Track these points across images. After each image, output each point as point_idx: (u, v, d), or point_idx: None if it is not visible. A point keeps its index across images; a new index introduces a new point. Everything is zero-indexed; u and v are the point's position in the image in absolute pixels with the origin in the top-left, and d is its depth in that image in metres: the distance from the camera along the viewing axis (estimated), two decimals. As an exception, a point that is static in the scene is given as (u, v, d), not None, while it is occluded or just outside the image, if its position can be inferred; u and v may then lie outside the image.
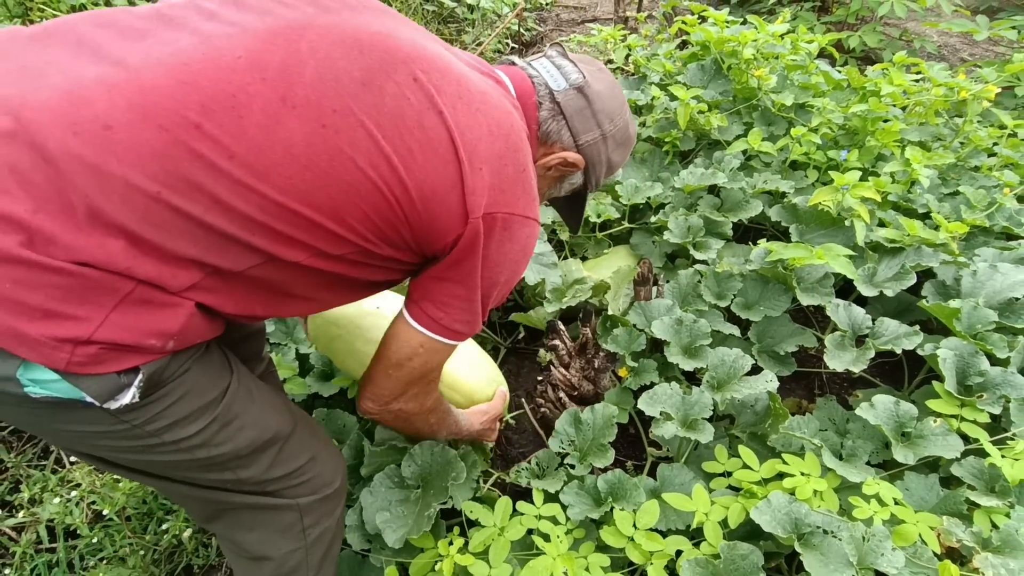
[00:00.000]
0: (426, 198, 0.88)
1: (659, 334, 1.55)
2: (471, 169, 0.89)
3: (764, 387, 1.43)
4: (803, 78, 2.21)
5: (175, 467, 0.96)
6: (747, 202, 1.95)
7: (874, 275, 1.74)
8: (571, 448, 1.46)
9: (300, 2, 0.90)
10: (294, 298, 0.96)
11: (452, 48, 1.02)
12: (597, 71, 1.12)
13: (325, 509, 1.14)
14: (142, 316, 0.78)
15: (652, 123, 2.26)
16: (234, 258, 0.82)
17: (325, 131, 0.81)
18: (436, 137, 0.87)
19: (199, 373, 0.90)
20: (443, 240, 0.93)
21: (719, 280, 1.73)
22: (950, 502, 1.29)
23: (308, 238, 0.85)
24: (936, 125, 2.21)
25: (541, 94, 1.08)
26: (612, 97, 1.11)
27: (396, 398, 1.10)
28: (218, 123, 0.77)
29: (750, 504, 1.22)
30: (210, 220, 0.78)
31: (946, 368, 1.40)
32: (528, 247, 1.03)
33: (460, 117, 0.89)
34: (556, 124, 1.08)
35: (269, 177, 0.79)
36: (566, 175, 1.16)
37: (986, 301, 1.60)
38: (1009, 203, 1.86)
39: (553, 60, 1.11)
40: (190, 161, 0.76)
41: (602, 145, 1.12)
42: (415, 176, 0.86)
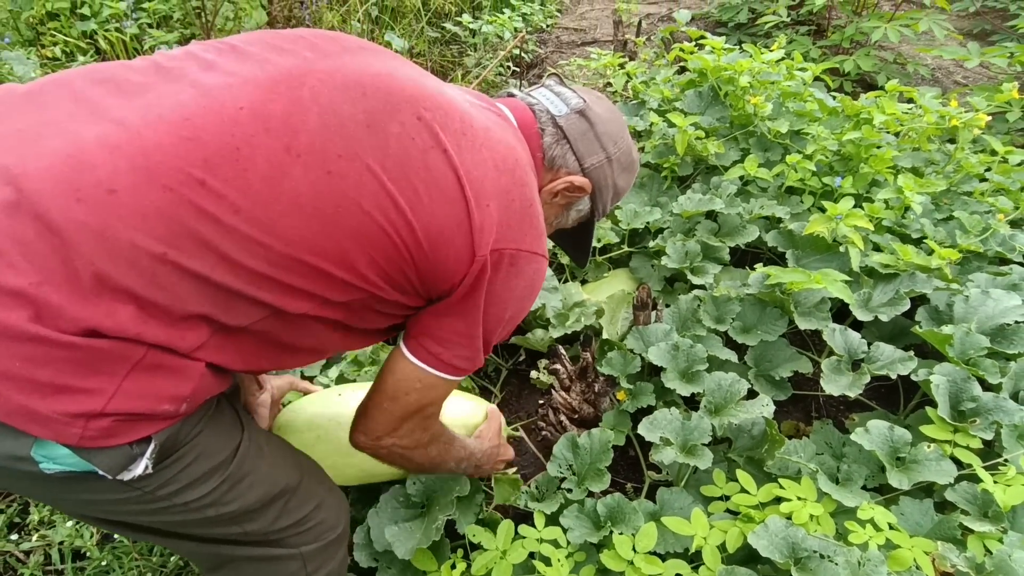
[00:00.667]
0: (433, 239, 0.87)
1: (656, 360, 1.58)
2: (478, 206, 0.88)
3: (760, 412, 1.46)
4: (798, 105, 2.26)
5: (184, 526, 0.96)
6: (744, 227, 1.99)
7: (869, 300, 1.77)
8: (569, 472, 1.48)
9: (299, 47, 0.90)
10: (301, 350, 0.96)
11: (451, 85, 1.03)
12: (596, 97, 1.13)
13: (328, 553, 1.13)
14: (154, 382, 0.77)
15: (651, 149, 2.31)
16: (240, 313, 0.81)
17: (331, 178, 0.81)
18: (442, 176, 0.87)
19: (211, 434, 0.90)
20: (451, 281, 0.92)
21: (718, 304, 1.77)
22: (944, 527, 1.31)
23: (314, 287, 0.84)
24: (928, 151, 2.25)
25: (543, 120, 1.08)
26: (613, 120, 1.12)
27: (389, 433, 1.05)
28: (222, 178, 0.75)
29: (748, 528, 1.24)
30: (217, 278, 0.77)
31: (939, 394, 1.43)
32: (535, 283, 1.01)
33: (465, 155, 0.89)
34: (560, 148, 1.08)
35: (275, 229, 0.78)
36: (573, 202, 1.15)
37: (978, 327, 1.63)
38: (1003, 229, 1.90)
39: (552, 88, 1.13)
40: (196, 219, 0.74)
41: (608, 168, 1.12)
42: (422, 217, 0.85)
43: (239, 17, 2.22)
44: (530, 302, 1.03)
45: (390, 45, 2.85)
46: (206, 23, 2.21)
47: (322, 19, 3.00)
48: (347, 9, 3.25)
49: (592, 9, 6.00)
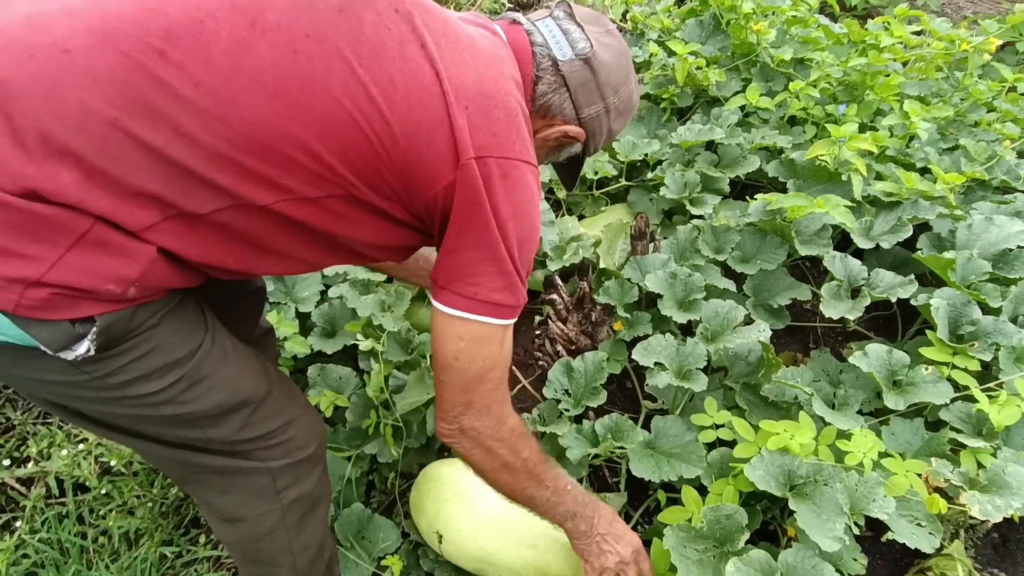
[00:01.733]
0: (410, 134, 0.81)
1: (653, 287, 1.56)
2: (457, 105, 0.82)
3: (756, 337, 1.45)
4: (803, 32, 2.18)
5: (140, 421, 0.93)
6: (744, 158, 1.94)
7: (871, 228, 1.74)
8: (564, 395, 1.48)
9: None
10: (270, 253, 0.89)
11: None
12: (605, 35, 1.04)
13: (300, 472, 1.10)
14: (99, 258, 0.74)
15: (650, 80, 2.24)
16: (198, 199, 0.77)
17: (297, 57, 0.76)
18: (419, 69, 0.81)
19: (169, 328, 0.86)
20: (433, 187, 0.85)
21: (717, 234, 1.74)
22: (934, 444, 1.32)
23: (279, 176, 0.79)
24: (936, 80, 2.18)
25: (543, 65, 0.99)
26: (619, 67, 1.03)
27: (461, 411, 0.97)
28: (184, 49, 0.73)
29: (742, 485, 1.23)
30: (172, 153, 0.74)
31: (939, 317, 1.41)
32: (536, 195, 0.95)
33: (445, 53, 0.84)
34: (558, 97, 1.01)
35: (236, 106, 0.74)
36: (565, 145, 1.10)
37: (980, 253, 1.61)
38: (1008, 156, 1.86)
39: (560, 23, 1.01)
40: (152, 88, 0.71)
41: (604, 117, 1.06)
42: (397, 108, 0.80)
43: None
44: (537, 218, 0.97)
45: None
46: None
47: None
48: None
49: (591, -54, 5.77)
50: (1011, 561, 1.41)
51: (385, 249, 0.98)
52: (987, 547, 1.43)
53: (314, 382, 1.71)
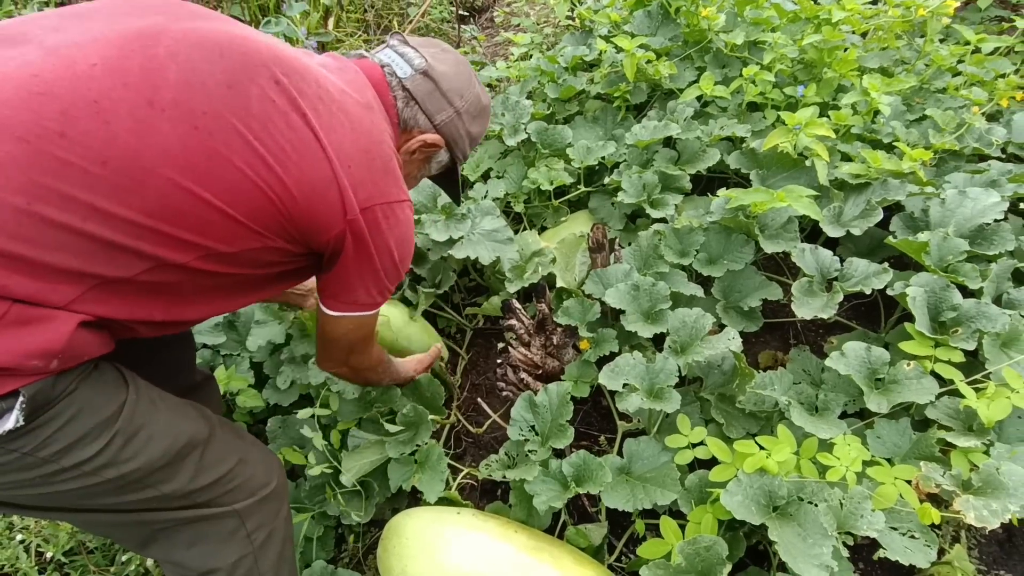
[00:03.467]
0: (306, 194, 0.90)
1: (614, 303, 1.47)
2: (342, 166, 0.92)
3: (726, 346, 1.36)
4: (754, 13, 2.10)
5: (86, 495, 0.90)
6: (704, 151, 1.86)
7: (840, 214, 1.66)
8: (531, 433, 1.39)
9: (148, 12, 0.89)
10: (193, 302, 0.95)
11: (305, 52, 1.06)
12: (440, 52, 1.17)
13: (268, 510, 1.11)
14: (22, 337, 0.75)
15: (600, 79, 2.15)
16: (121, 266, 0.81)
17: (198, 133, 0.81)
18: (304, 137, 0.89)
19: (90, 391, 0.85)
20: (327, 233, 0.96)
21: (680, 237, 1.65)
22: (923, 446, 1.23)
23: (196, 237, 0.85)
24: (897, 48, 2.10)
25: (393, 84, 1.12)
26: (457, 75, 1.16)
27: (345, 359, 1.22)
28: (83, 130, 0.75)
29: (720, 513, 1.15)
30: (90, 229, 0.76)
31: (916, 307, 1.33)
32: (411, 224, 1.10)
33: (323, 119, 0.92)
34: (410, 110, 1.13)
35: (150, 179, 0.79)
36: (431, 155, 1.21)
37: (956, 230, 1.52)
38: (978, 123, 1.77)
39: (396, 49, 1.15)
40: (59, 169, 0.73)
41: (458, 121, 1.17)
42: (292, 174, 0.88)
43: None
44: (412, 239, 1.12)
45: (317, 1, 2.65)
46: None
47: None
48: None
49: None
50: (1018, 558, 1.33)
51: (291, 278, 1.10)
52: (992, 545, 1.35)
53: (274, 435, 1.63)
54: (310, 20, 2.68)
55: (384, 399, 1.62)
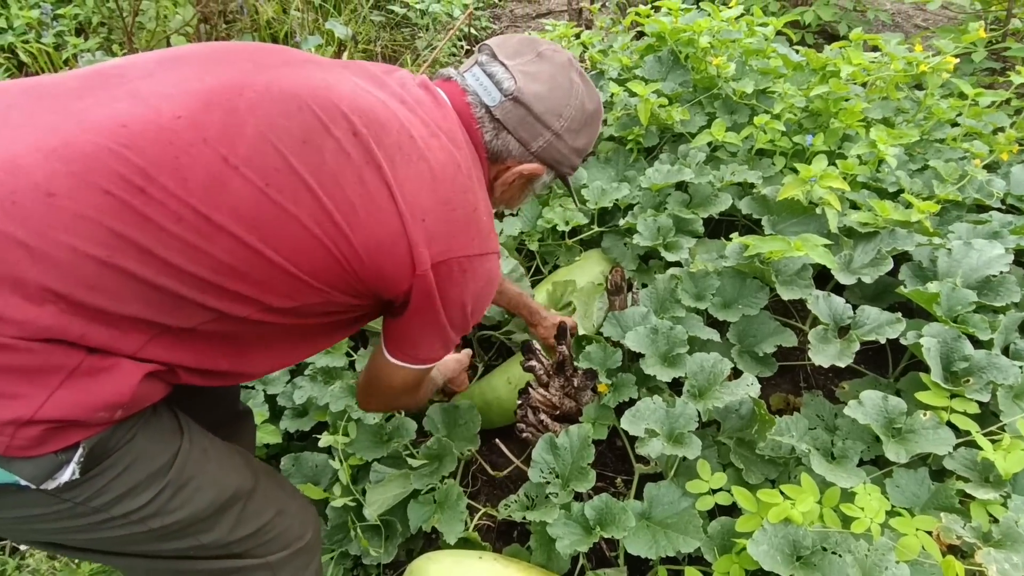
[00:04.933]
0: (372, 251, 0.88)
1: (634, 346, 1.49)
2: (413, 220, 0.89)
3: (745, 392, 1.39)
4: (762, 63, 2.17)
5: (130, 541, 0.90)
6: (716, 196, 1.90)
7: (851, 262, 1.70)
8: (552, 476, 1.40)
9: (239, 58, 0.89)
10: (259, 349, 0.94)
11: (391, 86, 0.99)
12: (534, 61, 1.05)
13: (299, 563, 1.09)
14: (91, 388, 0.74)
15: (613, 121, 2.20)
16: (184, 316, 0.81)
17: (268, 190, 0.81)
18: (376, 192, 0.87)
19: (146, 439, 0.85)
20: (395, 289, 0.94)
21: (696, 280, 1.68)
22: (942, 496, 1.26)
23: (258, 293, 0.85)
24: (897, 99, 2.17)
25: (479, 115, 1.04)
26: (553, 90, 1.04)
27: (393, 403, 1.26)
28: (162, 186, 0.75)
29: (747, 563, 1.16)
30: (162, 282, 0.77)
31: (931, 358, 1.36)
32: (492, 277, 1.04)
33: (399, 170, 0.89)
34: (502, 141, 1.05)
35: (217, 238, 0.78)
36: (532, 181, 1.14)
37: (963, 280, 1.57)
38: (980, 175, 1.84)
39: (485, 68, 1.05)
40: (139, 225, 0.74)
41: (558, 143, 1.08)
42: (359, 231, 0.86)
43: (162, 16, 2.05)
44: (491, 292, 1.07)
45: (332, 34, 2.70)
46: (126, 25, 2.05)
47: (257, 11, 2.83)
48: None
49: (545, -21, 5.81)
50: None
51: (361, 322, 1.07)
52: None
53: (288, 473, 1.62)
54: (324, 53, 2.73)
55: (402, 431, 1.63)
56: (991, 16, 3.09)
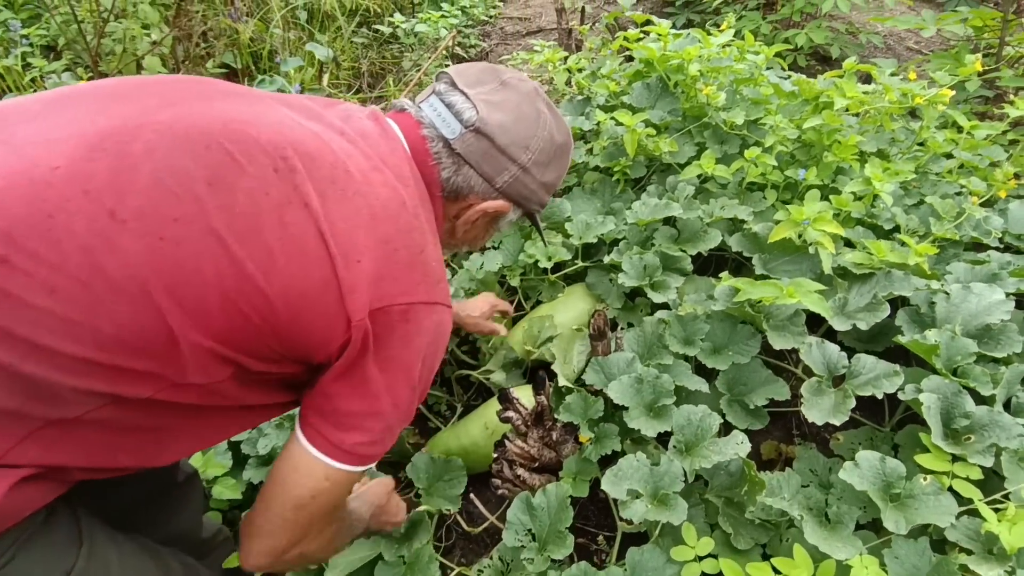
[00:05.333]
0: (293, 305, 0.76)
1: (618, 398, 1.41)
2: (346, 264, 0.77)
3: (735, 451, 1.31)
4: (753, 92, 2.10)
5: None
6: (705, 232, 1.83)
7: (845, 305, 1.63)
8: (528, 538, 1.31)
9: (144, 94, 0.77)
10: (165, 437, 0.80)
11: (328, 118, 0.88)
12: (497, 90, 0.96)
13: None
14: None
15: (600, 151, 2.13)
16: (65, 405, 0.68)
17: (164, 245, 0.68)
18: (301, 233, 0.75)
19: (29, 560, 0.72)
20: (327, 349, 0.80)
21: (684, 324, 1.60)
22: (943, 570, 1.17)
23: (158, 367, 0.71)
24: (892, 130, 2.11)
25: (436, 149, 0.94)
26: (519, 120, 0.96)
27: (296, 544, 0.89)
28: (31, 253, 0.64)
29: None
30: (28, 369, 0.64)
31: (931, 416, 1.28)
32: (440, 336, 0.90)
33: (332, 206, 0.78)
34: (462, 177, 0.95)
35: (101, 308, 0.66)
36: (497, 218, 1.05)
37: (963, 328, 1.50)
38: (978, 213, 1.77)
39: (443, 97, 0.96)
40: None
41: (525, 177, 0.99)
42: (276, 282, 0.74)
43: (130, 38, 1.96)
44: (438, 357, 0.92)
45: (312, 56, 2.62)
46: (92, 48, 1.95)
47: (238, 32, 2.74)
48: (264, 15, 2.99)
49: (536, -4, 5.78)
50: None
51: (287, 401, 0.91)
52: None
53: (247, 529, 1.52)
54: (304, 75, 2.65)
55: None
56: (983, 42, 3.05)
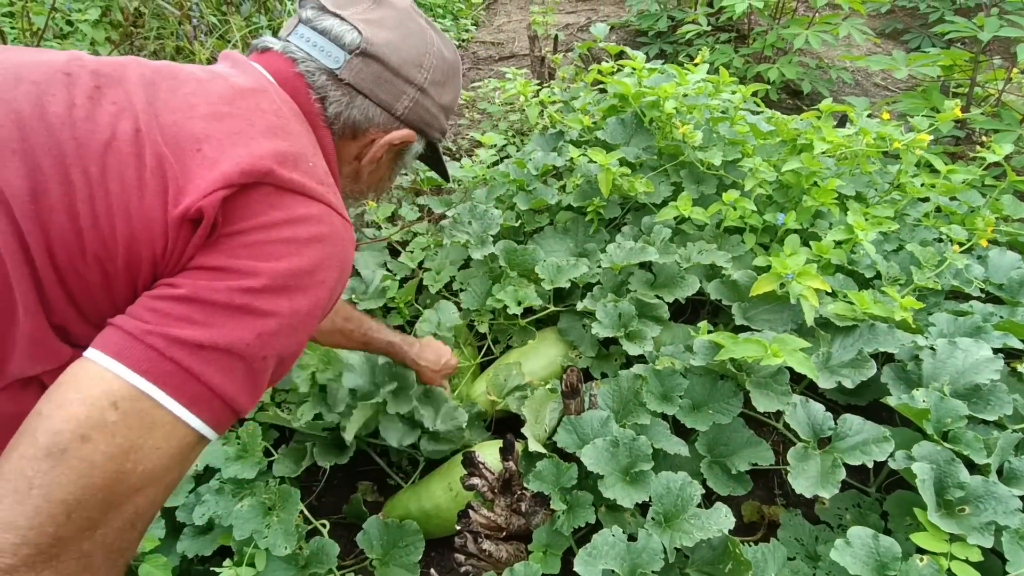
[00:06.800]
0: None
1: (592, 465, 1.30)
2: (176, 160, 0.66)
3: (719, 526, 1.21)
4: (731, 132, 2.04)
5: None
6: (683, 278, 1.74)
7: (828, 359, 1.55)
8: (495, 632, 1.18)
9: None
10: None
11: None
12: (372, 7, 0.86)
13: None
14: None
15: (572, 188, 2.04)
16: None
17: None
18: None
19: None
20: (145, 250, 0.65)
21: (662, 379, 1.50)
22: (948, 663, 1.08)
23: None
24: (868, 172, 2.07)
25: (319, 84, 0.82)
26: (407, 37, 0.87)
27: (43, 557, 0.54)
28: None
29: None
30: None
31: (925, 489, 1.20)
32: (316, 237, 0.71)
33: (161, 103, 0.69)
34: (357, 110, 0.85)
35: None
36: (401, 151, 0.95)
37: (951, 386, 1.43)
38: (959, 262, 1.72)
39: (314, 25, 0.84)
40: None
41: (424, 100, 0.90)
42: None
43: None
44: (329, 262, 0.73)
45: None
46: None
47: (193, 51, 2.60)
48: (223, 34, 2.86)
49: (509, 21, 5.75)
50: None
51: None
52: None
53: (181, 611, 1.36)
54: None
55: (322, 557, 1.39)
56: (953, 81, 3.07)
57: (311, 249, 0.70)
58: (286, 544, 1.32)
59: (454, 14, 5.14)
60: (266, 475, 1.53)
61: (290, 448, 1.63)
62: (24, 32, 1.90)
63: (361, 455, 1.75)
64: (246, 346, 0.64)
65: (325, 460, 1.55)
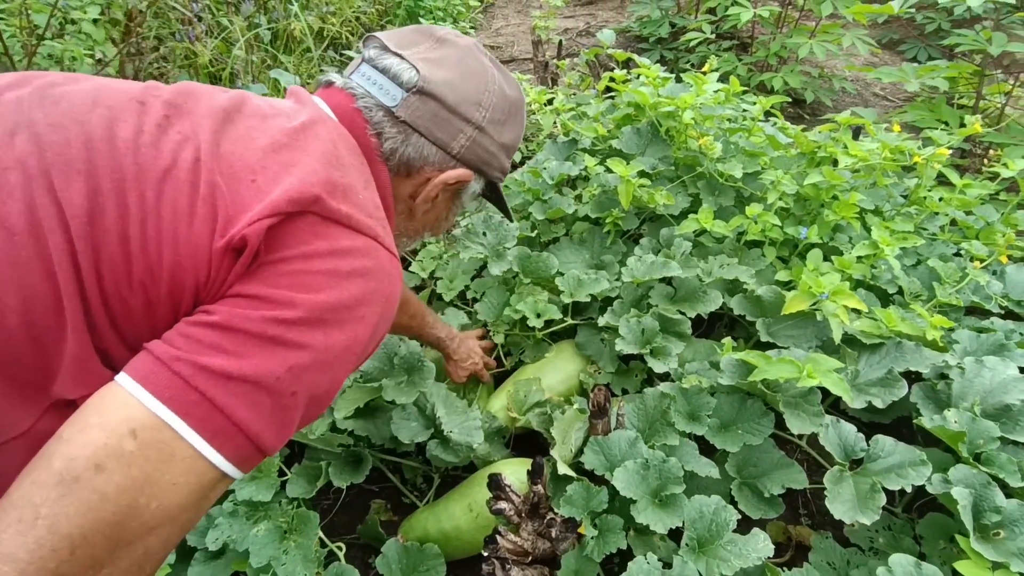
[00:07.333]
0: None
1: (624, 489, 1.26)
2: (229, 188, 0.65)
3: (757, 555, 1.18)
4: (748, 144, 2.02)
5: None
6: (704, 292, 1.71)
7: (856, 377, 1.53)
8: (530, 665, 1.14)
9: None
10: None
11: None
12: (434, 47, 0.87)
13: None
14: None
15: (588, 198, 2.00)
16: None
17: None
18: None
19: None
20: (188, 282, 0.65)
21: (689, 398, 1.47)
22: None
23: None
24: (885, 186, 2.06)
25: (376, 120, 0.83)
26: (465, 76, 0.86)
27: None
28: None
29: None
30: None
31: (965, 515, 1.18)
32: (359, 271, 0.68)
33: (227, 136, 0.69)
34: (412, 147, 0.85)
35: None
36: (459, 191, 0.94)
37: (982, 407, 1.41)
38: (982, 279, 1.71)
39: (375, 63, 0.85)
40: None
41: (482, 139, 0.89)
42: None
43: (69, 58, 1.76)
44: (376, 301, 0.70)
45: (277, 83, 2.44)
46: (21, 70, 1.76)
47: (196, 53, 2.54)
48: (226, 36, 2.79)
49: (507, 24, 5.72)
50: None
51: None
52: None
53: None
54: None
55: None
56: (957, 93, 3.09)
57: (352, 283, 0.68)
58: (305, 571, 1.27)
59: (453, 17, 5.10)
60: (279, 495, 1.48)
61: (303, 466, 1.58)
62: (22, 31, 1.83)
63: (373, 471, 1.70)
64: (276, 380, 0.62)
65: (341, 479, 1.50)
